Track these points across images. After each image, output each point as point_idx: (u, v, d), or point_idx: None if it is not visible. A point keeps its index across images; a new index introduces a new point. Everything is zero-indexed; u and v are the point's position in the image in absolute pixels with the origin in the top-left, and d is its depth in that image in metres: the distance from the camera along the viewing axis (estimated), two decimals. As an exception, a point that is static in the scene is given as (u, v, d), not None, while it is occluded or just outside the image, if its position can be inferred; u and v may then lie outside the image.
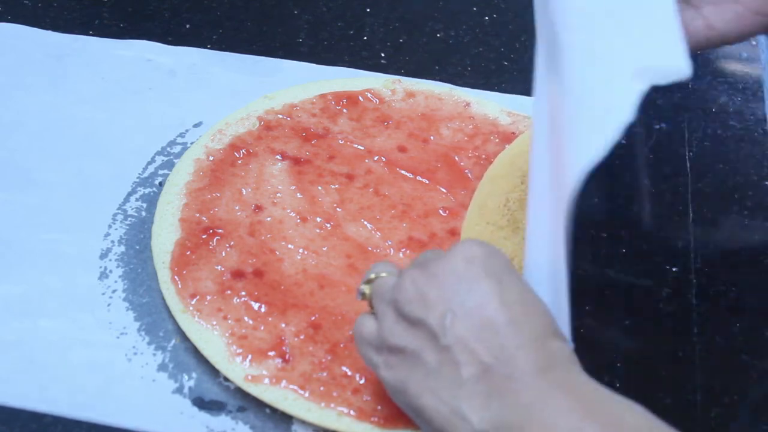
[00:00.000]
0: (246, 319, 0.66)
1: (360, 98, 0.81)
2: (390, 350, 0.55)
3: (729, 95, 0.90)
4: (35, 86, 0.83)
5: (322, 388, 0.62)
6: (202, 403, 0.63)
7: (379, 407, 0.61)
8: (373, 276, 0.58)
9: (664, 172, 0.82)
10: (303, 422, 0.62)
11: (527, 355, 0.51)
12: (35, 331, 0.66)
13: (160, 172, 0.77)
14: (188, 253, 0.69)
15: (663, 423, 0.49)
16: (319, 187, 0.74)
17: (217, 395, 0.64)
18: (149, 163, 0.78)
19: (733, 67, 0.92)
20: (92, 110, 0.81)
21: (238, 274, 0.68)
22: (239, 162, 0.76)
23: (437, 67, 0.88)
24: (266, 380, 0.63)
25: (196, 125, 0.81)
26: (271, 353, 0.64)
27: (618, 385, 0.64)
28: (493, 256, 0.54)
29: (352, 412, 0.61)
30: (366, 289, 0.59)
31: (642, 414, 0.49)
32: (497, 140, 0.78)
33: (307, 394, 0.62)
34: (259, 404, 0.63)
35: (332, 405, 0.62)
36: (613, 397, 0.50)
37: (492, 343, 0.51)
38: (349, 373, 0.63)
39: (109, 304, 0.68)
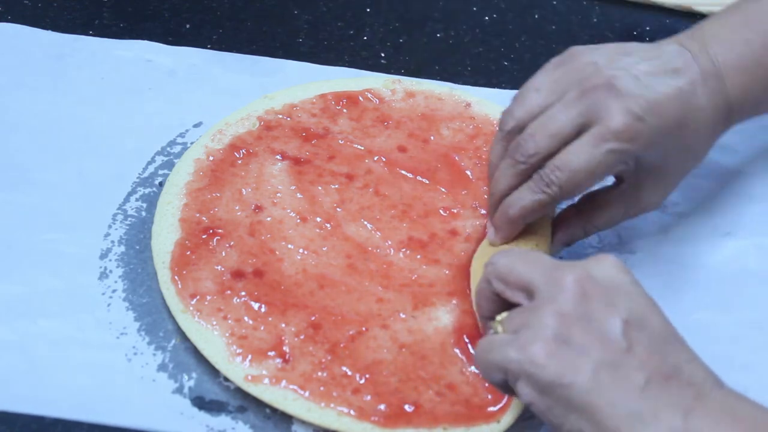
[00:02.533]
0: (246, 319, 0.66)
1: (360, 98, 0.81)
2: (543, 341, 0.52)
3: (729, 95, 0.89)
4: (35, 86, 0.83)
5: (322, 388, 0.62)
6: (202, 403, 0.63)
7: (378, 407, 0.61)
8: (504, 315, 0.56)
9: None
10: (303, 422, 0.62)
11: (704, 368, 0.53)
12: (35, 331, 0.66)
13: (160, 172, 0.77)
14: (188, 253, 0.69)
15: None
16: (319, 187, 0.74)
17: (217, 395, 0.64)
18: (149, 163, 0.78)
19: (733, 67, 0.92)
20: (92, 110, 0.81)
21: (238, 274, 0.68)
22: (239, 162, 0.76)
23: (437, 67, 0.88)
24: (266, 380, 0.63)
25: (196, 125, 0.81)
26: (271, 353, 0.64)
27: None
28: (630, 271, 0.55)
29: (352, 412, 0.61)
30: (498, 327, 0.56)
31: None
32: (497, 140, 0.78)
33: (307, 394, 0.62)
34: (259, 404, 0.63)
35: (332, 405, 0.62)
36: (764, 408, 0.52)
37: (670, 351, 0.52)
38: (349, 373, 0.63)
39: (109, 304, 0.68)
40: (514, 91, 0.69)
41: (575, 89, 0.64)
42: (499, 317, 0.56)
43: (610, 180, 0.69)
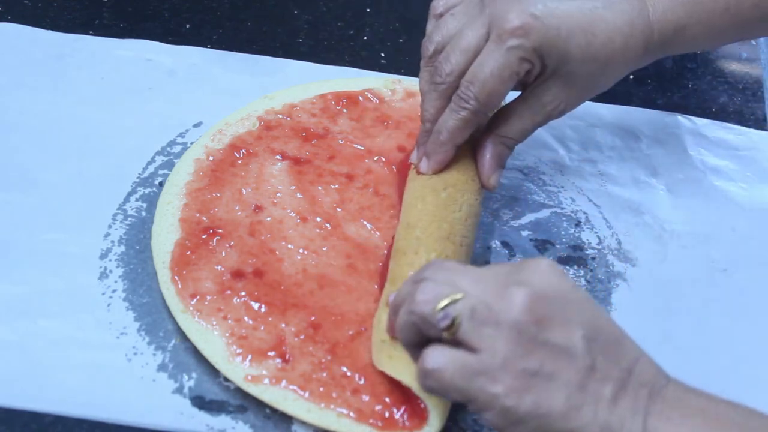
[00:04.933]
0: (246, 319, 0.66)
1: (360, 98, 0.81)
2: (517, 376, 0.52)
3: (729, 95, 0.90)
4: (35, 86, 0.83)
5: (321, 389, 0.62)
6: (202, 403, 0.63)
7: (377, 408, 0.61)
8: (450, 299, 0.54)
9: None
10: (303, 422, 0.62)
11: (650, 364, 0.54)
12: (35, 331, 0.66)
13: (160, 172, 0.77)
14: (188, 253, 0.69)
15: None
16: (319, 187, 0.74)
17: (217, 395, 0.64)
18: (149, 163, 0.78)
19: (733, 67, 0.92)
20: (92, 110, 0.81)
21: (238, 274, 0.68)
22: (239, 162, 0.76)
23: (437, 67, 0.88)
24: (266, 380, 0.63)
25: (196, 125, 0.81)
26: (271, 353, 0.64)
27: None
28: (565, 273, 0.56)
29: (351, 414, 0.61)
30: (456, 313, 0.53)
31: (750, 412, 0.52)
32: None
33: (306, 395, 0.62)
34: (259, 404, 0.63)
35: (332, 406, 0.62)
36: (729, 402, 0.53)
37: (622, 356, 0.53)
38: (349, 374, 0.63)
39: (109, 304, 0.68)
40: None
41: (479, 3, 0.66)
42: (453, 312, 0.53)
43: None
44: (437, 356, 0.54)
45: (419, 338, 0.56)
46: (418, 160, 0.70)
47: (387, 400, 0.62)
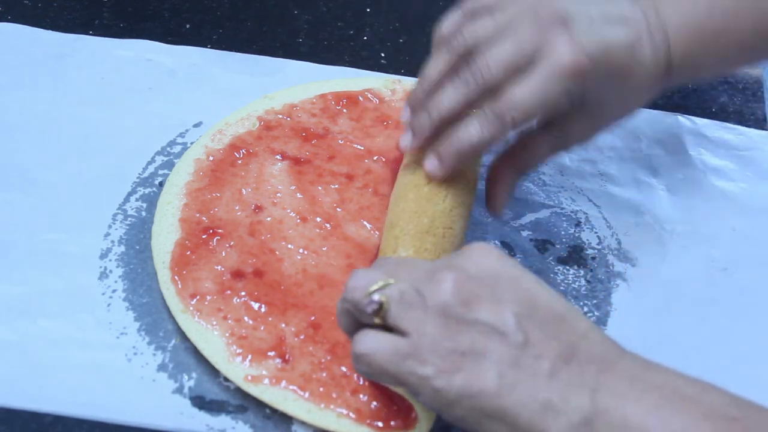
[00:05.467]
0: (246, 319, 0.66)
1: (360, 98, 0.81)
2: (443, 356, 0.52)
3: (729, 95, 0.90)
4: (35, 86, 0.83)
5: (321, 389, 0.62)
6: (202, 403, 0.63)
7: (377, 408, 0.61)
8: (380, 284, 0.54)
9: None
10: (303, 422, 0.62)
11: (602, 340, 0.53)
12: (35, 331, 0.66)
13: (160, 172, 0.77)
14: (188, 253, 0.69)
15: (737, 395, 0.51)
16: (319, 187, 0.74)
17: (217, 395, 0.64)
18: (149, 163, 0.78)
19: (733, 67, 0.92)
20: (92, 110, 0.81)
21: (238, 274, 0.68)
22: (239, 162, 0.76)
23: (437, 67, 0.88)
24: (266, 380, 0.63)
25: (196, 125, 0.81)
26: (271, 353, 0.64)
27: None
28: (507, 255, 0.56)
29: (351, 414, 0.61)
30: (382, 297, 0.54)
31: (719, 389, 0.51)
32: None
33: (306, 395, 0.62)
34: (259, 404, 0.63)
35: (332, 406, 0.62)
36: (688, 377, 0.52)
37: (563, 332, 0.52)
38: (348, 374, 0.63)
39: (109, 304, 0.68)
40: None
41: (529, 17, 0.64)
42: (379, 296, 0.54)
43: None
44: (366, 340, 0.54)
45: (356, 326, 0.56)
46: (413, 149, 0.67)
47: (386, 400, 0.62)
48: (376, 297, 0.53)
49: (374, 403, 0.62)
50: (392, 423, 0.61)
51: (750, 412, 0.50)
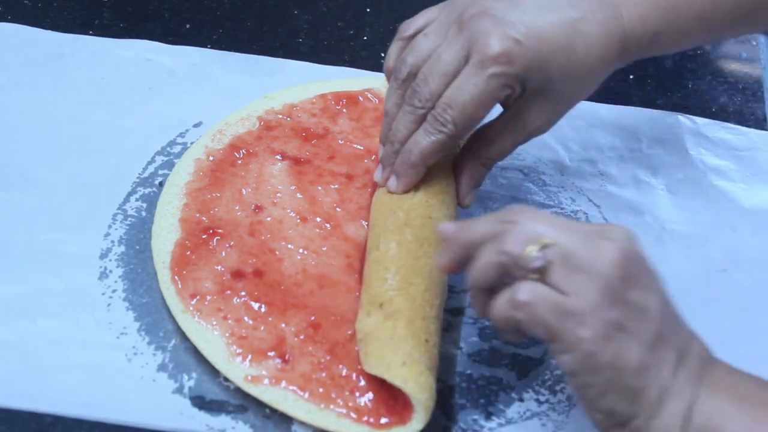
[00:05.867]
0: (246, 319, 0.66)
1: (360, 98, 0.81)
2: (603, 324, 0.53)
3: (729, 95, 0.90)
4: (35, 86, 0.83)
5: (321, 389, 0.62)
6: (202, 403, 0.63)
7: (376, 408, 0.61)
8: (545, 242, 0.54)
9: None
10: (303, 422, 0.62)
11: (699, 341, 0.56)
12: (35, 331, 0.66)
13: (160, 172, 0.77)
14: (188, 253, 0.69)
15: None
16: (319, 187, 0.74)
17: (217, 395, 0.64)
18: (149, 163, 0.78)
19: (733, 67, 0.93)
20: (92, 110, 0.81)
21: (238, 274, 0.68)
22: (239, 162, 0.76)
23: (437, 67, 0.88)
24: (266, 380, 0.63)
25: (196, 125, 0.81)
26: (271, 353, 0.64)
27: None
28: None
29: (352, 414, 0.61)
30: (550, 255, 0.54)
31: None
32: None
33: (306, 395, 0.62)
34: (259, 404, 0.63)
35: (331, 406, 0.62)
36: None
37: (682, 330, 0.56)
38: (348, 374, 0.63)
39: (109, 304, 0.68)
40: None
41: (457, 24, 0.65)
42: (548, 252, 0.54)
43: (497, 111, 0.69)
44: (532, 290, 0.54)
45: (496, 280, 0.57)
46: (384, 179, 0.69)
47: (384, 398, 0.62)
48: (544, 254, 0.54)
49: (372, 402, 0.62)
50: (388, 420, 0.61)
51: None
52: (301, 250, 0.70)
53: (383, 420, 0.61)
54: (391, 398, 0.61)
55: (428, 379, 0.60)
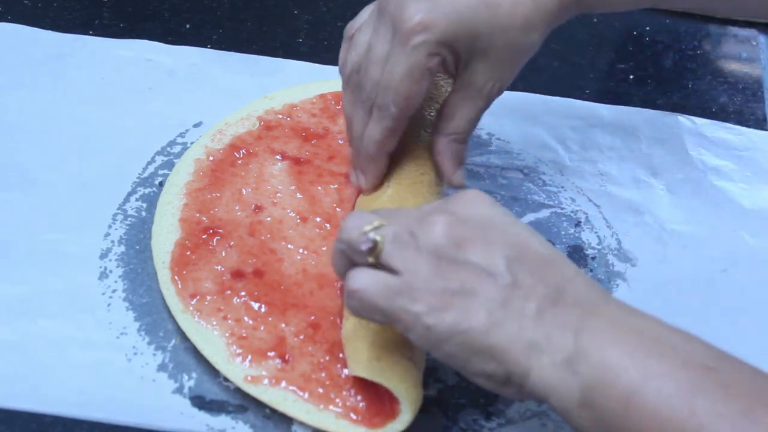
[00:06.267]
0: (246, 319, 0.66)
1: (360, 98, 0.81)
2: (434, 294, 0.53)
3: (729, 95, 0.90)
4: (35, 86, 0.83)
5: (320, 390, 0.62)
6: (202, 403, 0.63)
7: (373, 408, 0.61)
8: (375, 224, 0.55)
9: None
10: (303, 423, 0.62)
11: (588, 285, 0.54)
12: (35, 331, 0.66)
13: (160, 172, 0.77)
14: (188, 253, 0.69)
15: (715, 346, 0.52)
16: (319, 187, 0.74)
17: (217, 395, 0.64)
18: (149, 163, 0.78)
19: (733, 67, 0.93)
20: (92, 110, 0.81)
21: (238, 274, 0.68)
22: (239, 162, 0.76)
23: (437, 67, 0.88)
24: (265, 381, 0.63)
25: (196, 125, 0.81)
26: (271, 353, 0.64)
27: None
28: (497, 202, 0.57)
29: (351, 415, 0.61)
30: (377, 236, 0.55)
31: (698, 338, 0.53)
32: (497, 140, 0.78)
33: (306, 396, 0.62)
34: (259, 404, 0.63)
35: (330, 407, 0.62)
36: (669, 326, 0.53)
37: (551, 276, 0.54)
38: (348, 374, 0.63)
39: (109, 304, 0.68)
40: (521, 93, 0.69)
41: (377, 11, 0.66)
42: (374, 234, 0.55)
43: None
44: (360, 276, 0.55)
45: (349, 267, 0.57)
46: (355, 179, 0.71)
47: (377, 398, 0.61)
48: (371, 236, 0.55)
49: (366, 401, 0.61)
50: (381, 418, 0.61)
51: (726, 364, 0.51)
52: (301, 250, 0.70)
53: (377, 419, 0.61)
54: (382, 396, 0.61)
55: (407, 368, 0.60)
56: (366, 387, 0.62)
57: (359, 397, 0.62)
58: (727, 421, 0.48)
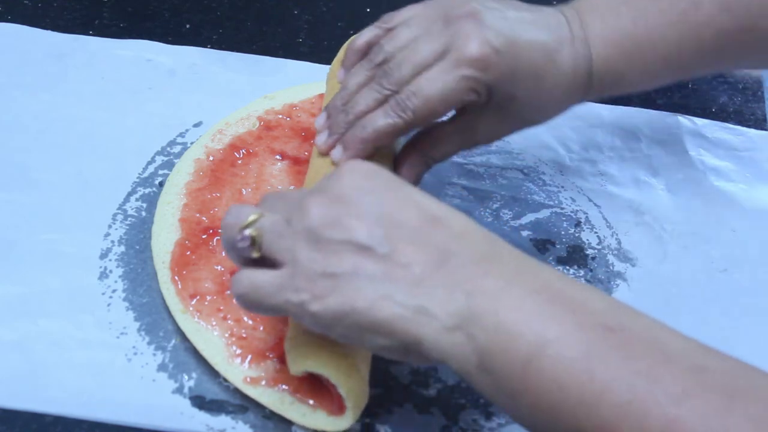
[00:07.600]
0: (246, 319, 0.66)
1: (360, 98, 0.81)
2: (315, 281, 0.52)
3: (729, 95, 0.90)
4: (35, 86, 0.83)
5: (317, 391, 0.62)
6: (202, 403, 0.63)
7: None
8: (252, 218, 0.55)
9: (664, 172, 0.82)
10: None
11: (480, 239, 0.53)
12: (35, 331, 0.66)
13: (160, 172, 0.77)
14: (188, 253, 0.69)
15: (621, 302, 0.51)
16: (319, 187, 0.74)
17: (216, 395, 0.64)
18: (149, 163, 0.78)
19: (733, 67, 0.92)
20: (92, 110, 0.81)
21: (238, 274, 0.68)
22: (239, 162, 0.76)
23: (437, 67, 0.88)
24: (263, 382, 0.63)
25: (196, 125, 0.81)
26: (270, 354, 0.64)
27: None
28: (380, 169, 0.56)
29: (346, 414, 0.61)
30: (253, 231, 0.55)
31: (602, 295, 0.52)
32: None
33: (302, 397, 0.62)
34: (259, 404, 0.63)
35: (324, 405, 0.61)
36: (573, 280, 0.52)
37: (436, 236, 0.52)
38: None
39: (109, 304, 0.68)
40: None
41: (442, 19, 0.65)
42: (250, 230, 0.55)
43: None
44: (241, 280, 0.55)
45: (244, 260, 0.57)
46: (328, 147, 0.68)
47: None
48: (247, 232, 0.55)
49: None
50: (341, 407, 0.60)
51: (630, 323, 0.50)
52: (301, 250, 0.70)
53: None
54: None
55: (341, 357, 0.58)
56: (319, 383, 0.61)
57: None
58: (624, 383, 0.47)
